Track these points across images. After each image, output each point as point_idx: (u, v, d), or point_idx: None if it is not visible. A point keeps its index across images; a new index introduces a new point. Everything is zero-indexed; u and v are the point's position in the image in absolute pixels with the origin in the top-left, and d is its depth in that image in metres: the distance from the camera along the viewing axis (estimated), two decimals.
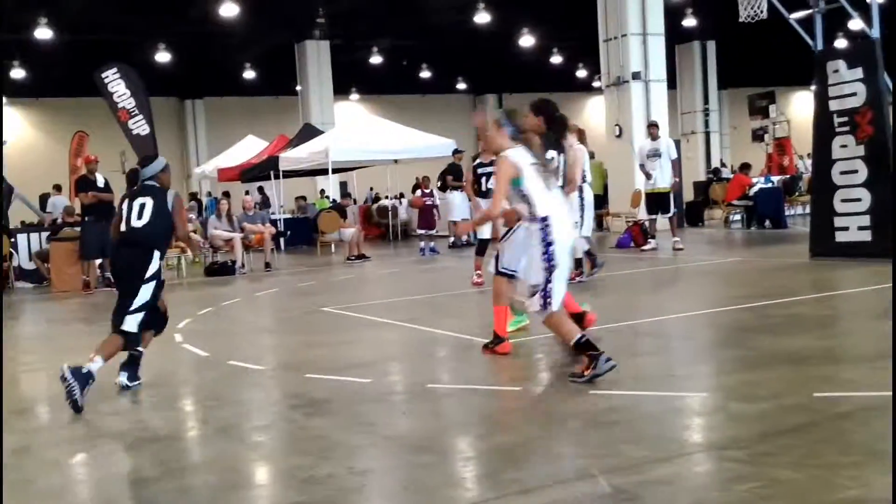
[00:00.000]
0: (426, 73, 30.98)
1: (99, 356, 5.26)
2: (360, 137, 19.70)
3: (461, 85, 34.79)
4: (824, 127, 10.54)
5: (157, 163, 5.78)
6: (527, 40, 25.81)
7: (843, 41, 19.79)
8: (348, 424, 4.62)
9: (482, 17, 22.15)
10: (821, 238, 10.69)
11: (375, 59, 27.37)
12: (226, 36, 22.80)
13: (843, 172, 10.30)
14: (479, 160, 10.03)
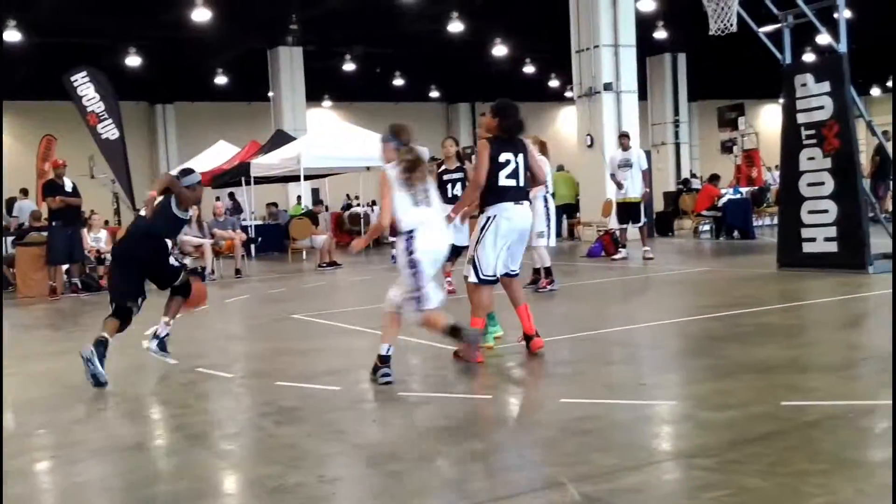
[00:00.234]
0: (399, 81, 30.98)
1: (169, 319, 6.35)
2: (332, 144, 19.65)
3: (434, 93, 34.83)
4: (792, 139, 10.69)
5: (192, 177, 6.47)
6: (500, 50, 25.92)
7: (811, 55, 20.07)
8: (318, 432, 4.59)
9: (456, 27, 22.21)
10: (788, 249, 10.82)
11: (348, 66, 27.33)
12: (198, 40, 22.63)
13: (810, 184, 10.44)
14: (444, 167, 10.08)
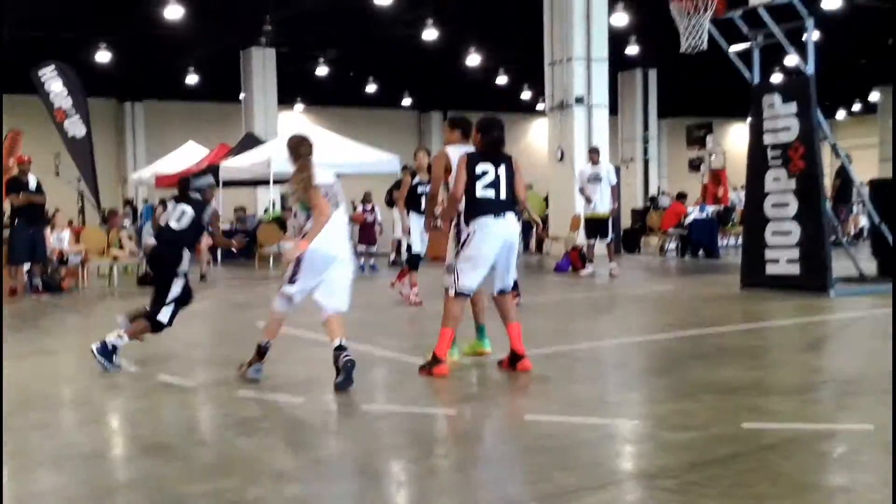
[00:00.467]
0: (372, 87, 30.91)
1: (126, 334, 6.32)
2: None
3: (406, 100, 34.81)
4: (758, 159, 10.81)
5: (205, 178, 6.78)
6: (473, 59, 25.97)
7: (779, 76, 20.35)
8: (279, 445, 4.54)
9: (430, 34, 22.22)
10: (752, 269, 10.92)
11: (322, 69, 27.18)
12: (170, 37, 22.37)
13: (774, 205, 10.56)
14: (417, 178, 10.24)
